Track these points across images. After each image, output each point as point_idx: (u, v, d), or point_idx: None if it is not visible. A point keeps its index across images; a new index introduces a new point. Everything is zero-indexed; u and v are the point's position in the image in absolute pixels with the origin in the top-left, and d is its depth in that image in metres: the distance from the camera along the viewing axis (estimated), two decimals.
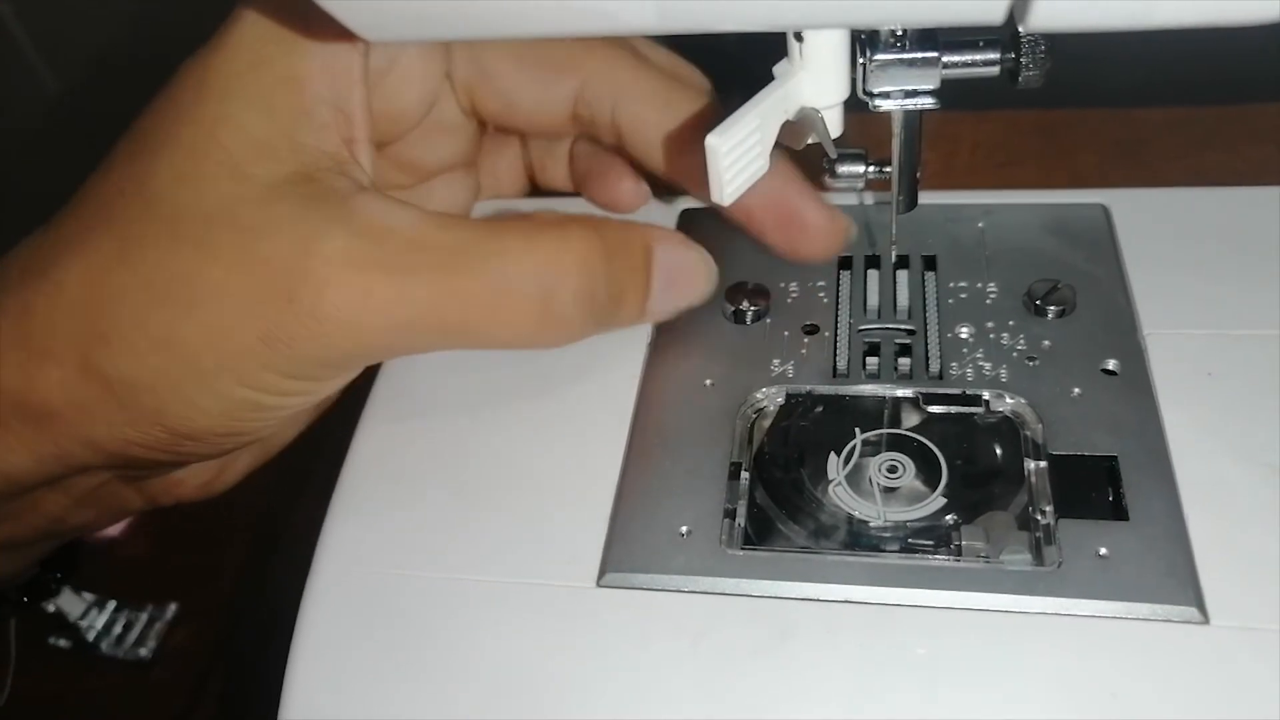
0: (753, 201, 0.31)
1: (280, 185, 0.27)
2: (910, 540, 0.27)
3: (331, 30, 0.26)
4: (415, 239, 0.27)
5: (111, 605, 0.42)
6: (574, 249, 0.28)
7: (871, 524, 0.28)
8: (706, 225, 0.34)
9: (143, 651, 0.42)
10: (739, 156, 0.25)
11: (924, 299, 0.32)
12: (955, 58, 0.25)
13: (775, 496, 0.29)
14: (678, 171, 0.33)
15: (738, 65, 0.28)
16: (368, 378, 0.33)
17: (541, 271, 0.28)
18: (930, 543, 0.27)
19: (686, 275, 0.31)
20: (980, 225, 0.34)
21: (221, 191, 0.27)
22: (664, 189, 0.36)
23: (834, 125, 0.27)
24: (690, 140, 0.31)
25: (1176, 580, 0.24)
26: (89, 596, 0.42)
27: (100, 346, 0.28)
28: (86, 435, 0.29)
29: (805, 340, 0.31)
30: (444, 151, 0.35)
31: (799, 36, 0.25)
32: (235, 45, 0.28)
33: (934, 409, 0.30)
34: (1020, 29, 0.20)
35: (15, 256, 0.30)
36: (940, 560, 0.26)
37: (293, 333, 0.27)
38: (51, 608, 0.41)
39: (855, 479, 0.29)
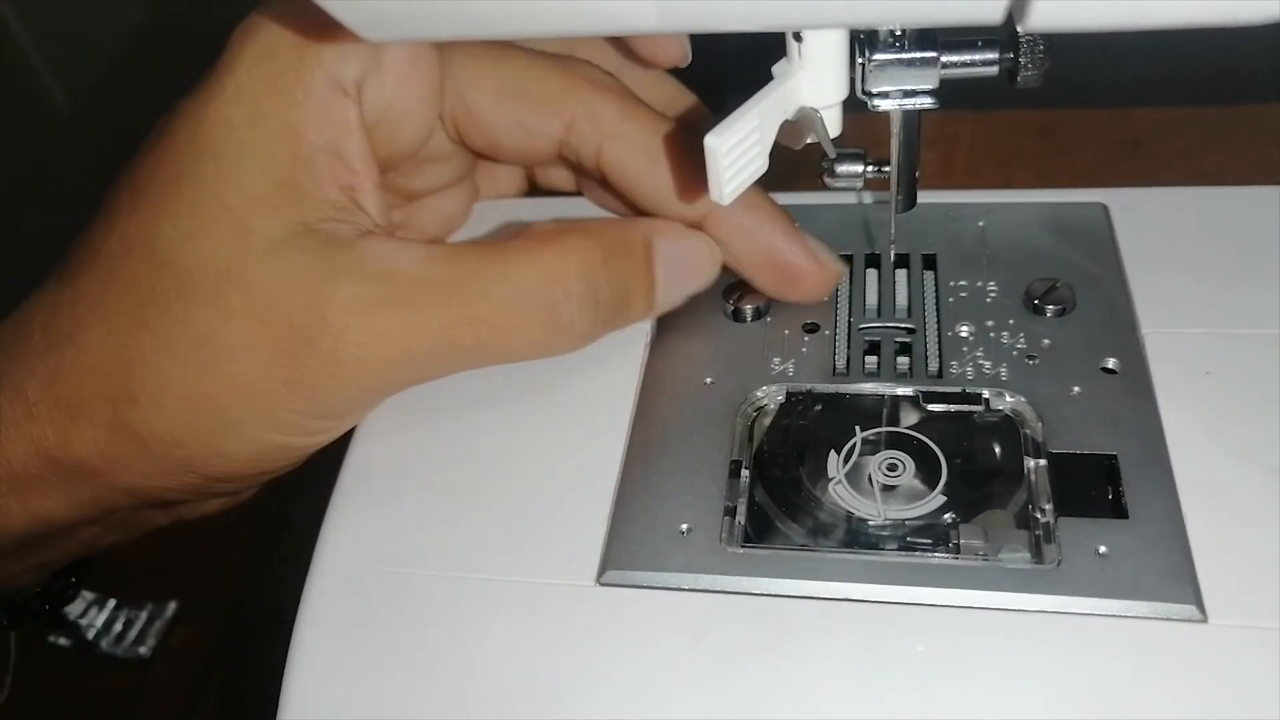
0: (741, 248, 0.32)
1: (286, 239, 0.28)
2: (909, 538, 0.27)
3: (324, 75, 0.27)
4: (422, 275, 0.28)
5: (111, 603, 0.43)
6: (573, 257, 0.29)
7: (871, 522, 0.28)
8: None
9: (142, 650, 0.42)
10: (738, 157, 0.25)
11: (924, 298, 0.32)
12: (954, 58, 0.25)
13: (775, 494, 0.29)
14: (667, 214, 0.32)
15: (737, 65, 0.28)
16: None
17: (546, 285, 0.29)
18: (929, 541, 0.27)
19: (690, 262, 0.32)
20: (980, 224, 0.34)
21: (228, 249, 0.28)
22: None
23: (833, 125, 0.27)
24: (675, 188, 0.31)
25: (1175, 578, 0.24)
26: (89, 595, 0.42)
27: (129, 406, 0.28)
28: (121, 484, 0.30)
29: (805, 338, 0.32)
30: (437, 178, 0.35)
31: (798, 36, 0.25)
32: (232, 96, 0.28)
33: (933, 407, 0.30)
34: (1019, 29, 0.20)
35: (34, 314, 0.30)
36: (939, 558, 0.26)
37: (316, 378, 0.28)
38: (74, 613, 0.41)
39: (855, 477, 0.29)
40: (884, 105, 0.26)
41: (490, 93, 0.31)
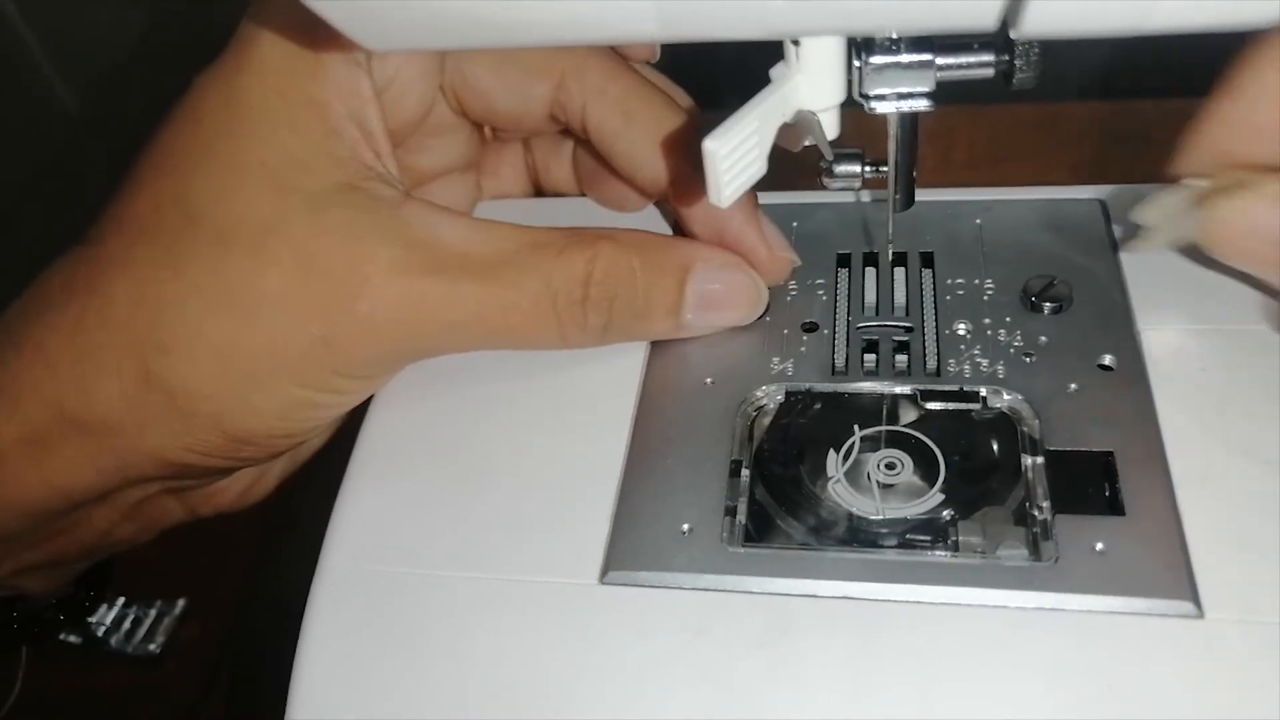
0: (697, 232, 0.32)
1: (328, 195, 0.28)
2: (908, 536, 0.28)
3: (336, 49, 0.27)
4: (463, 248, 0.29)
5: (120, 601, 0.43)
6: (604, 263, 0.30)
7: (870, 520, 0.28)
8: None
9: (152, 647, 0.42)
10: (736, 160, 0.25)
11: (922, 296, 0.33)
12: (949, 60, 0.25)
13: (775, 493, 0.29)
14: (640, 180, 0.33)
15: (734, 69, 0.28)
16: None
17: (571, 284, 0.29)
18: (928, 538, 0.28)
19: (728, 297, 0.32)
20: (977, 222, 0.34)
21: (268, 205, 0.28)
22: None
23: (830, 127, 0.27)
24: (655, 152, 0.32)
25: (1172, 574, 0.25)
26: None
27: (159, 357, 0.28)
28: (147, 446, 0.30)
29: (804, 338, 0.32)
30: (441, 154, 0.35)
31: (795, 41, 0.25)
32: (258, 69, 0.28)
33: (932, 405, 0.30)
34: (1012, 34, 0.21)
35: (54, 273, 0.30)
36: (938, 556, 0.27)
37: (351, 335, 0.28)
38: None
39: (854, 475, 0.29)
40: (881, 108, 0.26)
41: (485, 63, 0.32)
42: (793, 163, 0.30)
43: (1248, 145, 0.25)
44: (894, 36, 0.25)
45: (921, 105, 0.26)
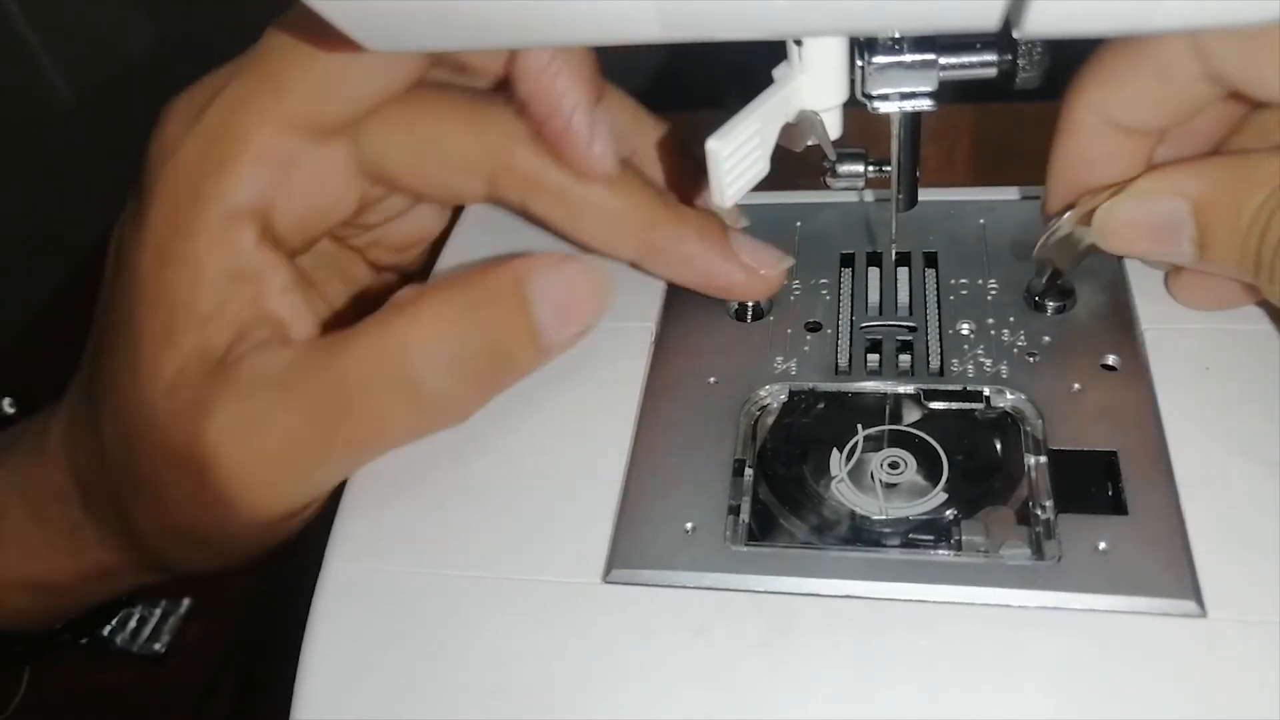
0: (682, 278, 0.32)
1: (183, 370, 0.29)
2: (911, 535, 0.28)
3: (220, 207, 0.28)
4: (283, 379, 0.28)
5: (125, 600, 0.43)
6: (427, 322, 0.28)
7: (873, 519, 0.28)
8: None
9: (157, 646, 0.42)
10: (739, 160, 0.25)
11: (925, 296, 0.33)
12: (952, 60, 0.25)
13: (778, 493, 0.29)
14: (605, 252, 0.33)
15: (736, 69, 0.28)
16: None
17: (401, 359, 0.28)
18: (931, 538, 0.28)
19: (576, 295, 0.29)
20: (981, 221, 0.34)
21: (142, 394, 0.29)
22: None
23: (833, 127, 0.27)
24: (611, 237, 0.32)
25: (1174, 574, 0.25)
26: None
27: (122, 523, 0.31)
28: (139, 577, 0.35)
29: (808, 337, 0.32)
30: (391, 210, 0.35)
31: (798, 41, 0.25)
32: (144, 241, 0.29)
33: (935, 405, 0.30)
34: (1015, 34, 0.21)
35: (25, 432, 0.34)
36: (941, 555, 0.27)
37: (216, 515, 0.29)
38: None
39: (857, 475, 0.29)
40: (884, 107, 0.26)
41: (408, 165, 0.31)
42: (796, 163, 0.30)
43: (1092, 174, 0.28)
44: (896, 35, 0.25)
45: (924, 105, 0.26)
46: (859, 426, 0.30)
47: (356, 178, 0.31)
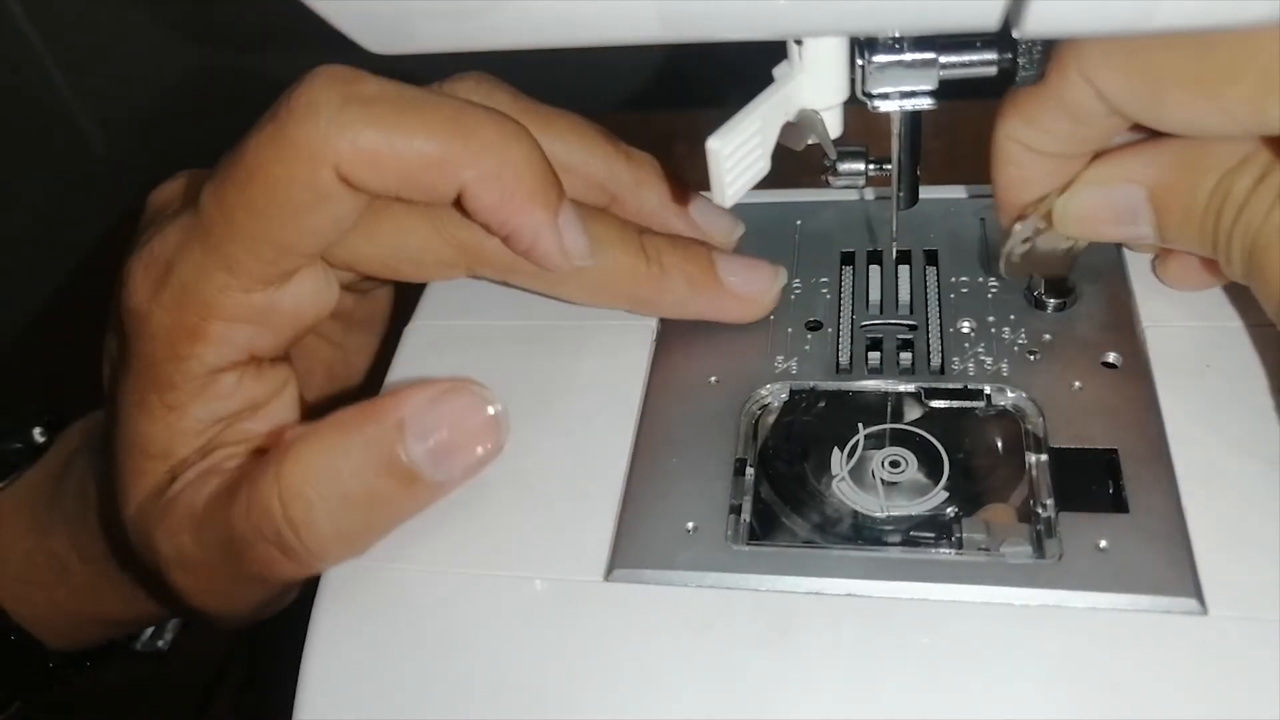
0: (681, 316, 0.32)
1: (142, 504, 0.30)
2: (912, 534, 0.28)
3: (200, 364, 0.29)
4: (200, 524, 0.29)
5: None
6: (297, 471, 0.27)
7: (874, 518, 0.28)
8: None
9: (160, 644, 0.42)
10: (740, 159, 0.25)
11: (926, 294, 0.33)
12: (952, 58, 0.25)
13: (780, 492, 0.29)
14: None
15: (736, 68, 0.28)
16: (377, 376, 0.33)
17: (272, 514, 0.27)
18: (932, 536, 0.28)
19: (460, 432, 0.28)
20: (981, 219, 0.34)
21: (122, 513, 0.31)
22: None
23: (834, 126, 0.27)
24: (600, 295, 0.32)
25: (1175, 571, 0.25)
26: None
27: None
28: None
29: (808, 336, 0.32)
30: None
31: (798, 39, 0.25)
32: (128, 391, 0.30)
33: (936, 403, 0.30)
34: (1015, 34, 0.21)
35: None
36: (942, 553, 0.27)
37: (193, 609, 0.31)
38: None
39: (858, 473, 0.29)
40: (884, 106, 0.26)
41: (379, 267, 0.31)
42: (796, 161, 0.30)
43: (1030, 192, 0.29)
44: (896, 34, 0.25)
45: (924, 104, 0.26)
46: (860, 425, 0.30)
47: (332, 279, 0.31)
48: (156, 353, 0.28)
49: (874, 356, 0.31)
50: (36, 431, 0.40)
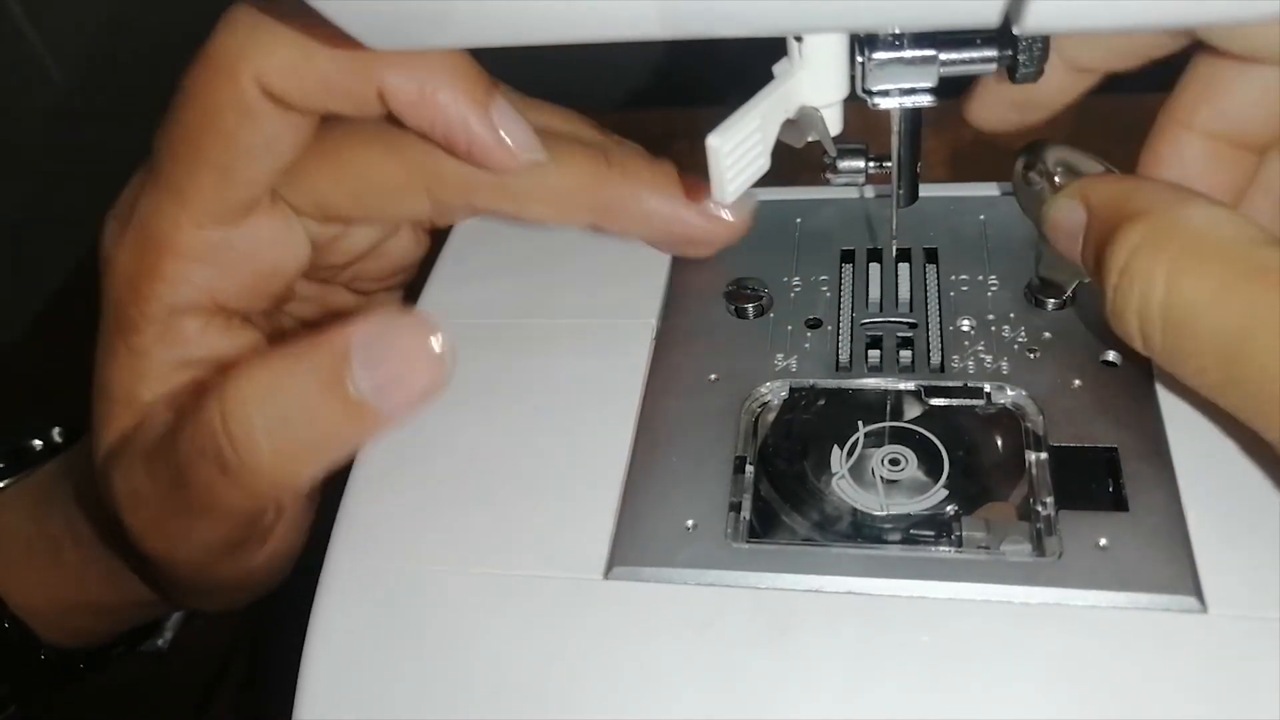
0: (644, 236, 0.33)
1: (108, 453, 0.31)
2: (912, 532, 0.28)
3: (160, 306, 0.30)
4: (149, 457, 0.29)
5: None
6: (241, 389, 0.26)
7: (874, 516, 0.28)
8: None
9: (159, 643, 0.42)
10: (740, 156, 0.25)
11: (926, 292, 0.33)
12: (953, 55, 0.25)
13: (779, 490, 0.29)
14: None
15: (736, 66, 0.28)
16: None
17: (212, 433, 0.27)
18: (932, 534, 0.28)
19: (406, 364, 0.26)
20: (981, 217, 0.34)
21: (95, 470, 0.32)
22: None
23: (834, 123, 0.27)
24: (552, 210, 0.32)
25: (1175, 570, 0.25)
26: None
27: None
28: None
29: (808, 334, 0.32)
30: (356, 246, 0.35)
31: (798, 36, 0.25)
32: (99, 340, 0.31)
33: (935, 401, 0.30)
34: (1015, 31, 0.21)
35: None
36: (942, 552, 0.27)
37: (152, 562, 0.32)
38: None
39: (858, 471, 0.29)
40: (884, 103, 0.26)
41: (346, 202, 0.31)
42: (796, 158, 0.30)
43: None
44: (896, 30, 0.25)
45: (925, 101, 0.26)
46: (860, 423, 0.30)
47: (297, 229, 0.31)
48: (122, 295, 0.30)
49: (874, 354, 0.31)
50: (56, 431, 0.41)
